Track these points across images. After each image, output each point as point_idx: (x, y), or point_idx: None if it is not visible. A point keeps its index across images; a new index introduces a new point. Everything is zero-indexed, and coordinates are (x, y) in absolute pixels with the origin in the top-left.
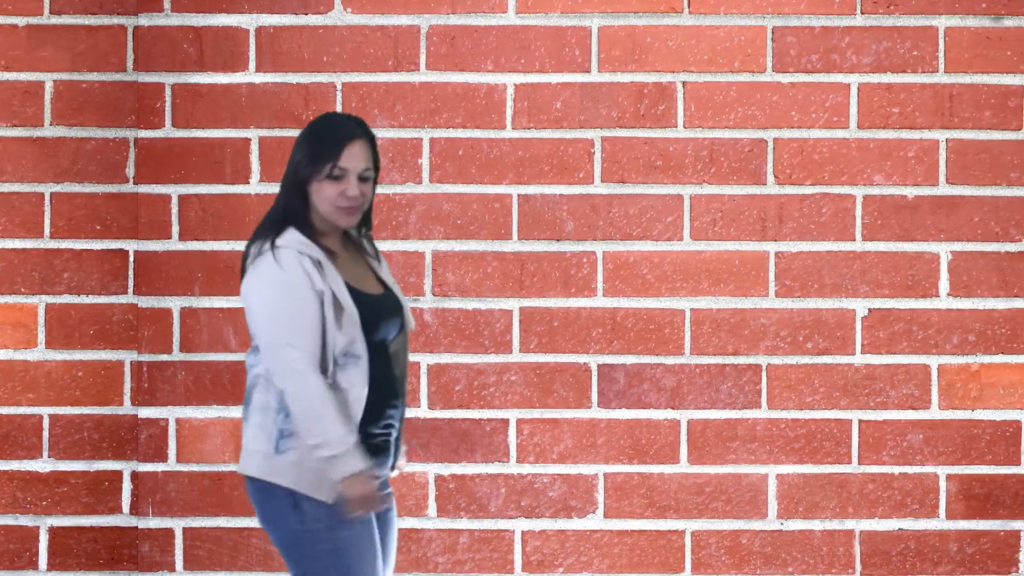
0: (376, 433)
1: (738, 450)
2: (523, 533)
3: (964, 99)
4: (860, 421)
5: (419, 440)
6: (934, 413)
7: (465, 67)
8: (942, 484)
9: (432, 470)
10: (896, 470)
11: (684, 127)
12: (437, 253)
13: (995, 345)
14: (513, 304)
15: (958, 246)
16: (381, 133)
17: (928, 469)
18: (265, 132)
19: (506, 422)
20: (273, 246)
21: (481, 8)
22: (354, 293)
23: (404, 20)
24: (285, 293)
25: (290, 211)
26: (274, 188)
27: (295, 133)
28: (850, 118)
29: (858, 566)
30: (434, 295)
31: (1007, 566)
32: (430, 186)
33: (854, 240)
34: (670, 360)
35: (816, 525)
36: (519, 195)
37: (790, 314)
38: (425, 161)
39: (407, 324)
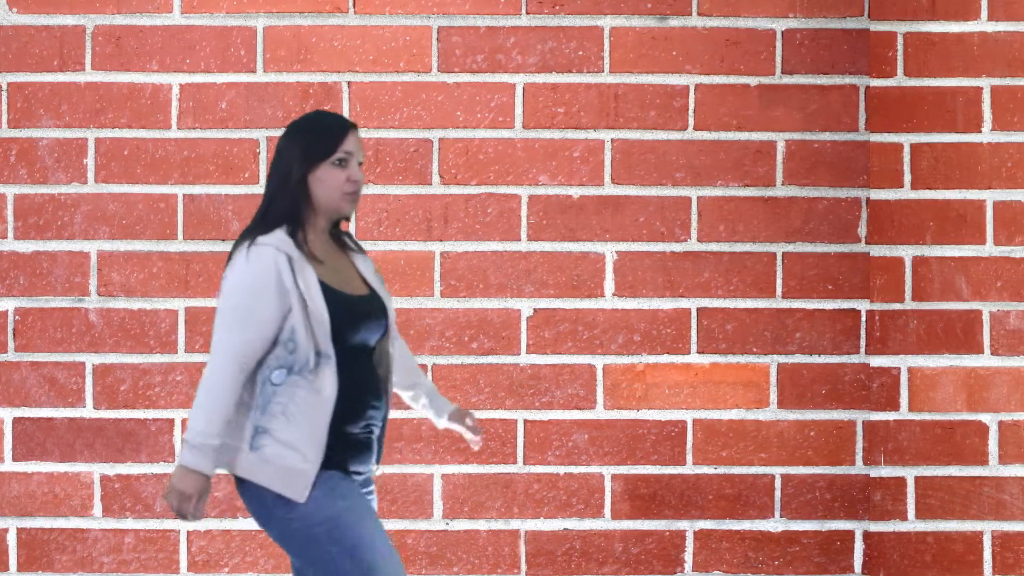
0: (355, 432)
1: (403, 450)
2: (188, 533)
3: (629, 99)
4: (525, 421)
5: (84, 440)
6: (599, 413)
7: (131, 67)
8: (607, 484)
9: (97, 470)
10: (561, 470)
11: None
12: (102, 253)
13: (660, 345)
14: (179, 304)
15: (623, 246)
16: (46, 134)
17: (593, 469)
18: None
19: (171, 422)
20: (252, 243)
21: (146, 8)
22: (335, 294)
23: (70, 20)
24: (242, 288)
25: (281, 210)
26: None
27: None
28: (515, 118)
29: (523, 566)
30: (99, 295)
31: (672, 566)
32: (95, 186)
33: (519, 240)
34: None
35: (481, 525)
36: (184, 195)
37: (455, 314)
38: (91, 161)
39: (392, 326)
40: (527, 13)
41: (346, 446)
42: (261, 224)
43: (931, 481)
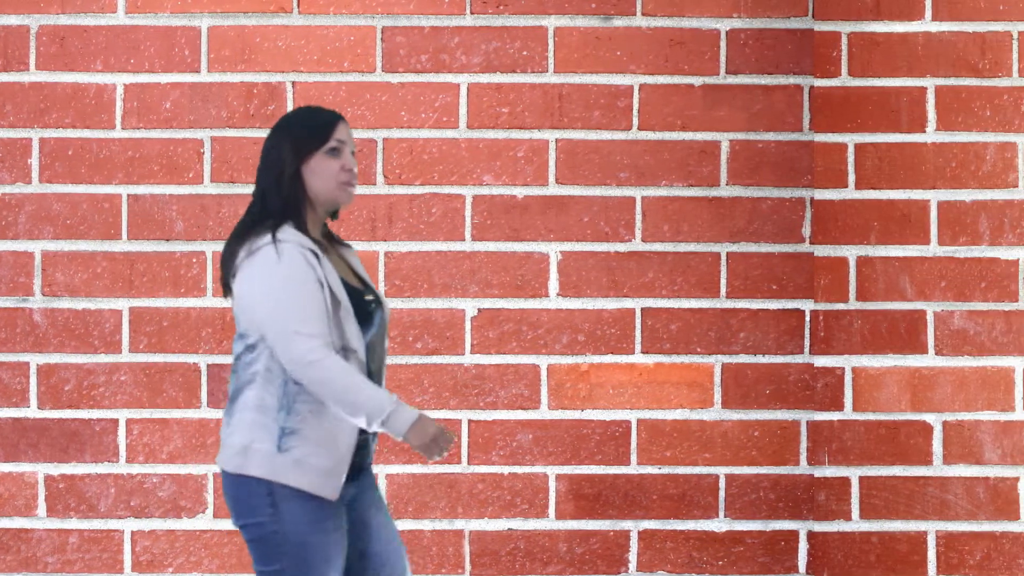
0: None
1: None
2: (133, 533)
3: (573, 99)
4: (470, 421)
5: (28, 440)
6: (544, 413)
7: (75, 67)
8: (551, 484)
9: (41, 470)
10: (506, 470)
11: None
12: (47, 253)
13: (604, 345)
14: (123, 304)
15: (567, 246)
16: None
17: (538, 469)
18: None
19: (116, 422)
20: (274, 239)
21: (91, 8)
22: (351, 289)
23: (13, 20)
24: (290, 284)
25: (276, 206)
26: None
27: None
28: (460, 118)
29: (468, 566)
30: (43, 295)
31: (617, 566)
32: (40, 186)
33: (463, 240)
34: None
35: (426, 525)
36: (129, 195)
37: (400, 314)
38: (35, 161)
39: (386, 319)
40: (471, 13)
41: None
42: (259, 221)
43: (875, 481)
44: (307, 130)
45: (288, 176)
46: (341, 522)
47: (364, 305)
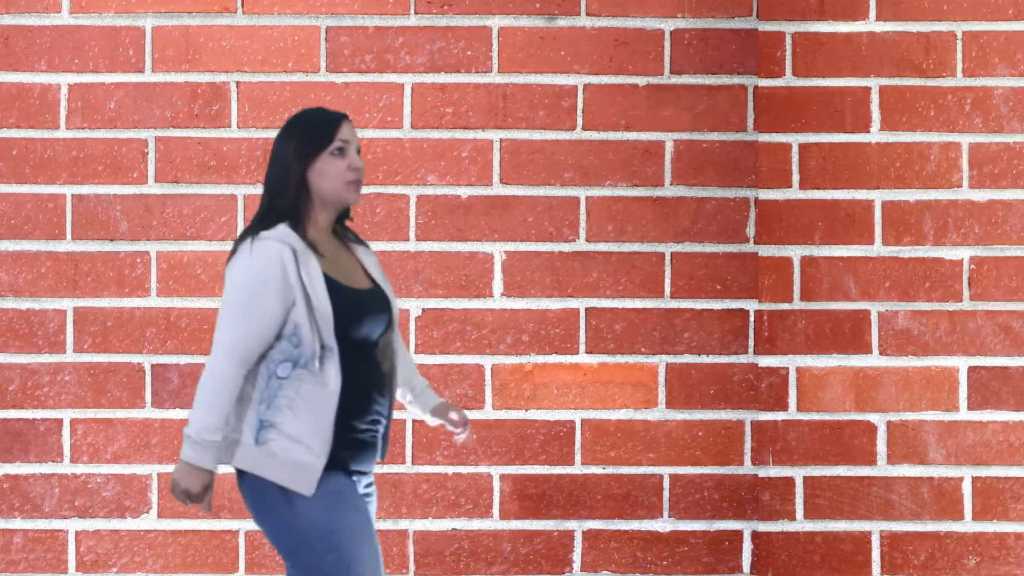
0: (362, 428)
1: None
2: (77, 533)
3: (518, 99)
4: (413, 420)
5: None
6: (488, 413)
7: (19, 67)
8: (496, 484)
9: None
10: (450, 470)
11: (238, 127)
12: None
13: (548, 345)
14: (67, 304)
15: (512, 246)
16: None
17: (482, 469)
18: None
19: (60, 422)
20: (255, 237)
21: (35, 8)
22: (338, 287)
23: None
24: (245, 282)
25: (283, 208)
26: None
27: None
28: (404, 118)
29: (412, 566)
30: None
31: (561, 566)
32: None
33: (408, 240)
34: None
35: None
36: (73, 195)
37: None
38: None
39: (395, 320)
40: (416, 13)
41: (350, 444)
42: (262, 222)
43: (819, 481)
44: (311, 132)
45: (294, 180)
46: (360, 504)
47: (355, 304)
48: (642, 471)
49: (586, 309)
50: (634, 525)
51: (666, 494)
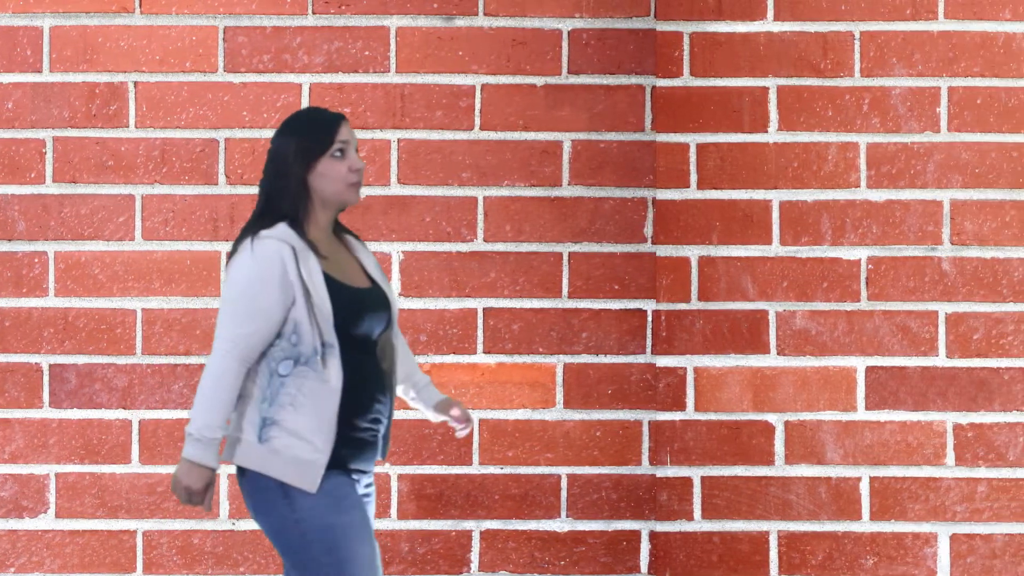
0: (364, 427)
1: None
2: None
3: (415, 99)
4: None
5: None
6: None
7: None
8: (394, 484)
9: None
10: None
11: (136, 127)
12: None
13: (446, 345)
14: None
15: (409, 246)
16: None
17: (380, 469)
18: None
19: None
20: (255, 236)
21: None
22: (338, 286)
23: None
24: (244, 281)
25: (281, 208)
26: None
27: None
28: None
29: None
30: None
31: (459, 566)
32: None
33: None
34: (122, 360)
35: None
36: None
37: None
38: None
39: (394, 319)
40: (313, 13)
41: (351, 444)
42: (261, 221)
43: (717, 481)
44: (311, 135)
45: (294, 182)
46: (359, 502)
47: (354, 301)
48: (540, 471)
49: (484, 309)
50: (532, 525)
51: (564, 494)
